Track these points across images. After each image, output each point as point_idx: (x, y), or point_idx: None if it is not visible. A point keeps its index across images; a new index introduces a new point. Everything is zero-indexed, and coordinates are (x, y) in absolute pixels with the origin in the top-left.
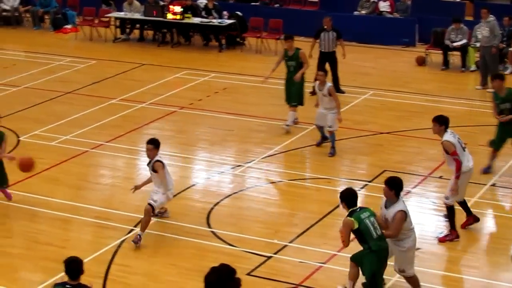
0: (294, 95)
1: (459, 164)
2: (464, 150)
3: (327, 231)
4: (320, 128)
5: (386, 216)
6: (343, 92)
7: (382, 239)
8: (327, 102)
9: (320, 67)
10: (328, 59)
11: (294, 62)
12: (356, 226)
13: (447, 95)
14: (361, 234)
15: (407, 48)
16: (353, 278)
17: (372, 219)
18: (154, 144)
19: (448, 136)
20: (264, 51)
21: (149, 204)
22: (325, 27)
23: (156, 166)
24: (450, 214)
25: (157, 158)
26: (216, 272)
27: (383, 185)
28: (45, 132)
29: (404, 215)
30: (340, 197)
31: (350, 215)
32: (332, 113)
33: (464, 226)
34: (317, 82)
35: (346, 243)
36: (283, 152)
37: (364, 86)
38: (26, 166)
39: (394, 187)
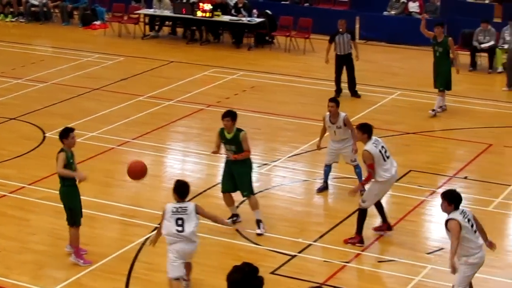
0: (441, 80)
1: (370, 178)
2: (387, 159)
3: (352, 230)
4: (329, 170)
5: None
6: (359, 96)
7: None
8: (342, 133)
9: (338, 70)
10: (344, 61)
11: (442, 48)
12: None
13: (474, 96)
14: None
15: None
16: (232, 204)
17: None
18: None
19: (370, 146)
20: (293, 50)
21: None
22: (340, 29)
23: None
24: (360, 217)
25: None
26: (240, 271)
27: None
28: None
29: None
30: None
31: None
32: (349, 145)
33: (376, 229)
34: (328, 114)
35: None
36: (309, 151)
37: (392, 86)
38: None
39: (448, 197)
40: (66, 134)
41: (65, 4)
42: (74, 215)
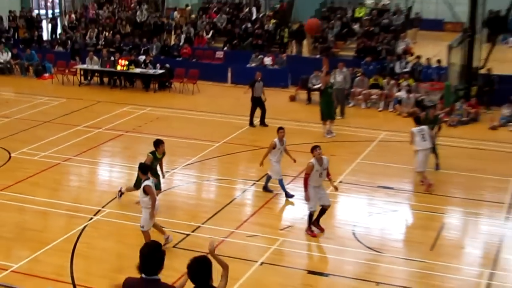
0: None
1: None
2: None
3: (227, 215)
4: (282, 184)
5: None
6: (267, 125)
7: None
8: (280, 155)
9: (254, 109)
10: (259, 102)
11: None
12: None
13: (311, 121)
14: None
15: (283, 89)
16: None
17: None
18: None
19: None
20: (185, 91)
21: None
22: (258, 78)
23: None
24: (310, 218)
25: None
26: (148, 246)
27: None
28: (30, 150)
29: None
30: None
31: None
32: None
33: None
34: (276, 139)
35: None
36: (197, 161)
37: (257, 115)
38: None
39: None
40: None
41: (22, 61)
42: None
